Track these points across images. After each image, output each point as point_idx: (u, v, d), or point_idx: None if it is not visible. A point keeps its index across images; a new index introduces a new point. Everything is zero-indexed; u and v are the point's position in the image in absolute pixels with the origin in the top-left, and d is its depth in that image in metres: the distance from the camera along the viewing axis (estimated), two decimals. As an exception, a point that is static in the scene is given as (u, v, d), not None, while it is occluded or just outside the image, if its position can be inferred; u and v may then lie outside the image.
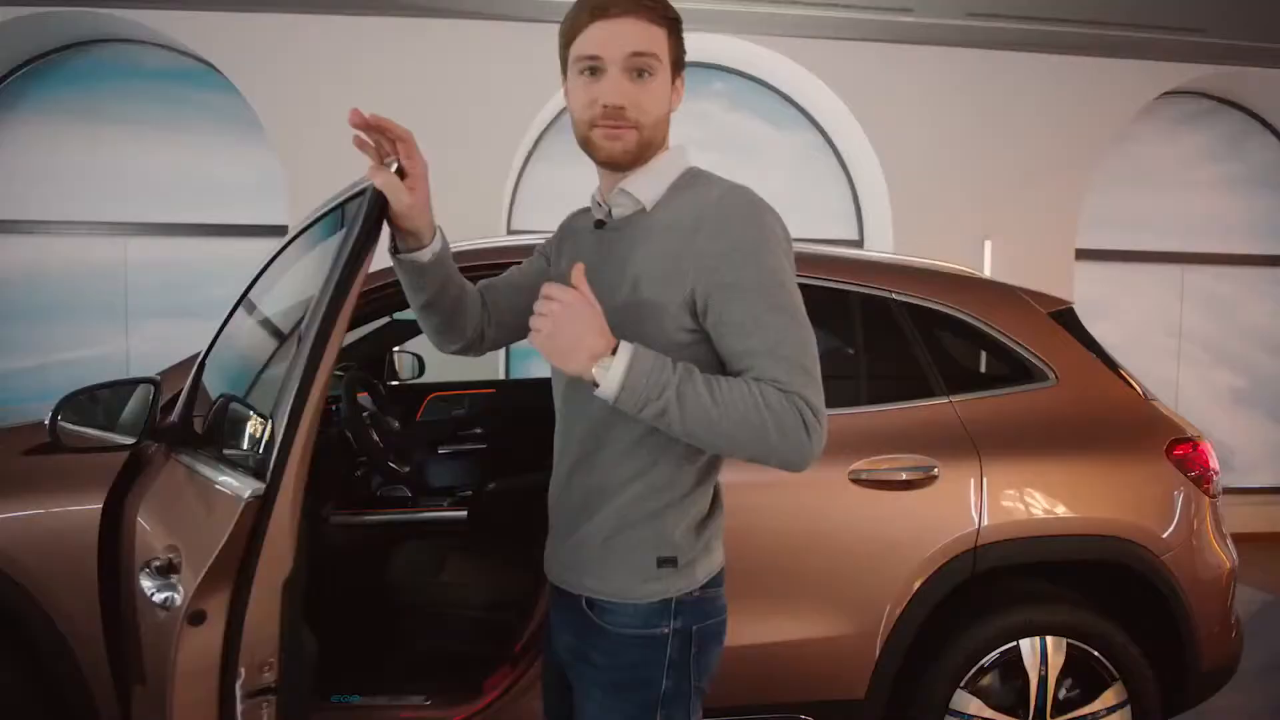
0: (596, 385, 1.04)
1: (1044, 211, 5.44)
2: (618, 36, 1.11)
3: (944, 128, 5.36)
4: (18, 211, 5.34)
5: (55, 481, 1.92)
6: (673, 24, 1.16)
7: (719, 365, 1.13)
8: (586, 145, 1.18)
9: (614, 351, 1.03)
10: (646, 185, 1.18)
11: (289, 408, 1.31)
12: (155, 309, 5.40)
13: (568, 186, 5.60)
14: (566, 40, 1.17)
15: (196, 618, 1.31)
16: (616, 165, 1.17)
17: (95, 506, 1.86)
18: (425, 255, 1.26)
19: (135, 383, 1.86)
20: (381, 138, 1.20)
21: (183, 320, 5.33)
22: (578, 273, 1.07)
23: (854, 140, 5.52)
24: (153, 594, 1.43)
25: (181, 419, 1.80)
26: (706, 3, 4.85)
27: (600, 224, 1.23)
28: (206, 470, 1.54)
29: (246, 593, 1.30)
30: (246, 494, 1.31)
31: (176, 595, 1.41)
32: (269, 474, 1.31)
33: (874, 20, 5.03)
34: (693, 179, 1.19)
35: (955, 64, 5.33)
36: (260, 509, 1.30)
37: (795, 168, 5.82)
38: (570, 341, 1.04)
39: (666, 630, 1.16)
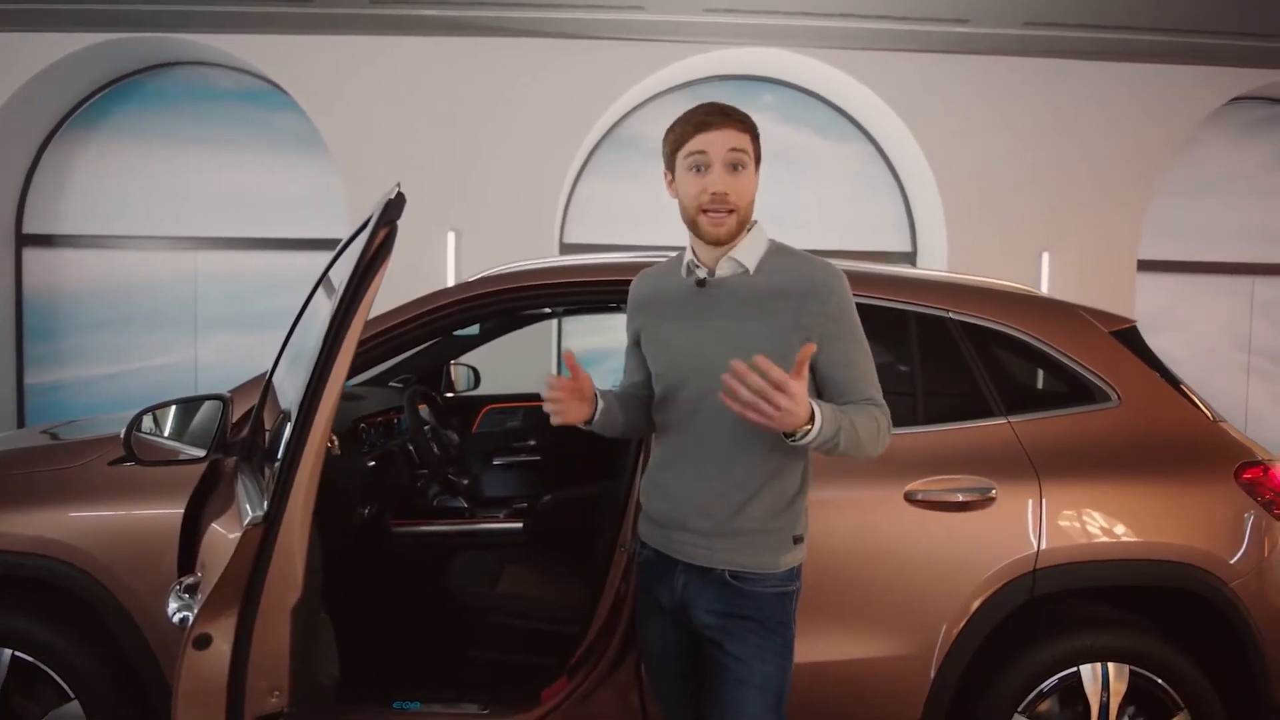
0: (789, 436, 1.36)
1: (1104, 222, 5.32)
2: (718, 139, 1.48)
3: (999, 138, 5.28)
4: (96, 227, 5.61)
5: (137, 490, 2.01)
6: (754, 131, 1.52)
7: (814, 384, 1.50)
8: (694, 227, 1.53)
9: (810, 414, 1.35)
10: (747, 253, 1.54)
11: (294, 437, 1.32)
12: (222, 320, 5.60)
13: (616, 200, 5.66)
14: (674, 147, 1.52)
15: (201, 641, 1.32)
16: (719, 243, 1.52)
17: (171, 511, 1.94)
18: (592, 425, 1.61)
19: (206, 399, 1.94)
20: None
21: (247, 332, 5.52)
22: (806, 352, 1.33)
23: (907, 152, 5.47)
24: (174, 615, 1.44)
25: (248, 435, 1.87)
26: (758, 18, 4.86)
27: (702, 283, 1.55)
28: (242, 490, 1.57)
29: (253, 617, 1.31)
30: (247, 520, 1.32)
31: (190, 617, 1.41)
32: (270, 501, 1.32)
33: (929, 32, 4.98)
34: (780, 249, 1.58)
35: (1011, 73, 5.25)
36: (264, 535, 1.31)
37: (847, 180, 5.78)
38: (795, 415, 1.32)
39: (793, 588, 1.55)
